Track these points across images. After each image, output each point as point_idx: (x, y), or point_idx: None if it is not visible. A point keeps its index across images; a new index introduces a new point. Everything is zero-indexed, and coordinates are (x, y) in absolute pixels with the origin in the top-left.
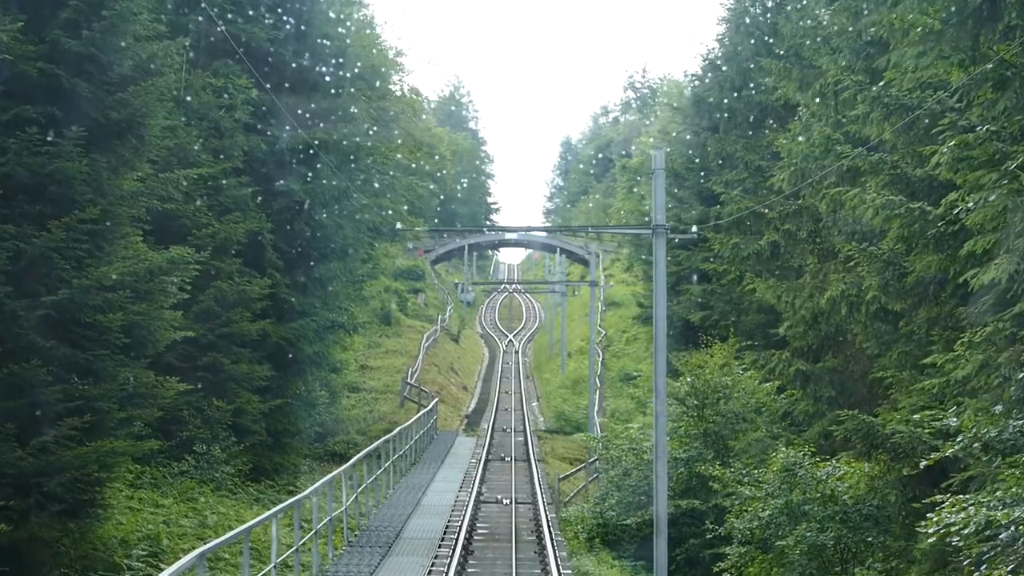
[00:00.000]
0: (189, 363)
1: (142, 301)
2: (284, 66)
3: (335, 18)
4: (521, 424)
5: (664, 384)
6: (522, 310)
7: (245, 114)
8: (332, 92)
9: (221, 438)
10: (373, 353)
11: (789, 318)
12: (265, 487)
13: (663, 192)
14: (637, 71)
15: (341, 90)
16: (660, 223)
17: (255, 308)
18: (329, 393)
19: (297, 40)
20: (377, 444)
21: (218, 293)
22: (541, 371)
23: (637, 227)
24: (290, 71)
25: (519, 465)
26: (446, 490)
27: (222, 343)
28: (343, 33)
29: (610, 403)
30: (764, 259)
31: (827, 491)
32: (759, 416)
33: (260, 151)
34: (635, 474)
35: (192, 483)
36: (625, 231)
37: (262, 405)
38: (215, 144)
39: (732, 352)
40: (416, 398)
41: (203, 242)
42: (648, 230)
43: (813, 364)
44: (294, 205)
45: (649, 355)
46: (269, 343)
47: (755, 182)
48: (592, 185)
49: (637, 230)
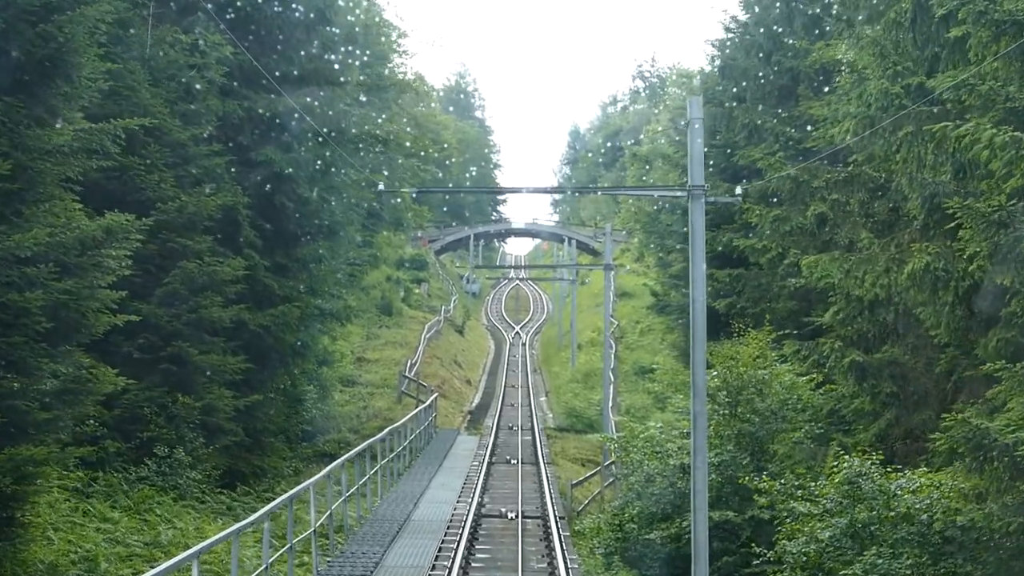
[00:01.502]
0: (151, 354)
1: (71, 277)
2: (293, 54)
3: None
4: (528, 421)
5: (704, 380)
6: (529, 301)
7: (218, 75)
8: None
9: (188, 439)
10: (371, 345)
11: (838, 301)
12: (240, 494)
13: (701, 147)
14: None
15: (349, 78)
16: (697, 184)
17: (229, 292)
18: (319, 388)
19: (306, 28)
20: (361, 448)
21: (185, 274)
22: (550, 364)
23: (670, 188)
24: (298, 59)
25: (526, 469)
26: (442, 501)
27: (189, 331)
28: (351, 21)
29: (625, 398)
30: (809, 233)
31: (902, 509)
32: (800, 415)
33: (236, 117)
34: (659, 481)
35: (151, 491)
36: (656, 193)
37: (236, 401)
38: (184, 108)
39: (768, 342)
40: (415, 393)
41: (169, 217)
42: (683, 192)
43: (870, 355)
44: (275, 178)
45: (666, 346)
46: (245, 331)
47: (787, 155)
48: (601, 175)
49: (670, 192)
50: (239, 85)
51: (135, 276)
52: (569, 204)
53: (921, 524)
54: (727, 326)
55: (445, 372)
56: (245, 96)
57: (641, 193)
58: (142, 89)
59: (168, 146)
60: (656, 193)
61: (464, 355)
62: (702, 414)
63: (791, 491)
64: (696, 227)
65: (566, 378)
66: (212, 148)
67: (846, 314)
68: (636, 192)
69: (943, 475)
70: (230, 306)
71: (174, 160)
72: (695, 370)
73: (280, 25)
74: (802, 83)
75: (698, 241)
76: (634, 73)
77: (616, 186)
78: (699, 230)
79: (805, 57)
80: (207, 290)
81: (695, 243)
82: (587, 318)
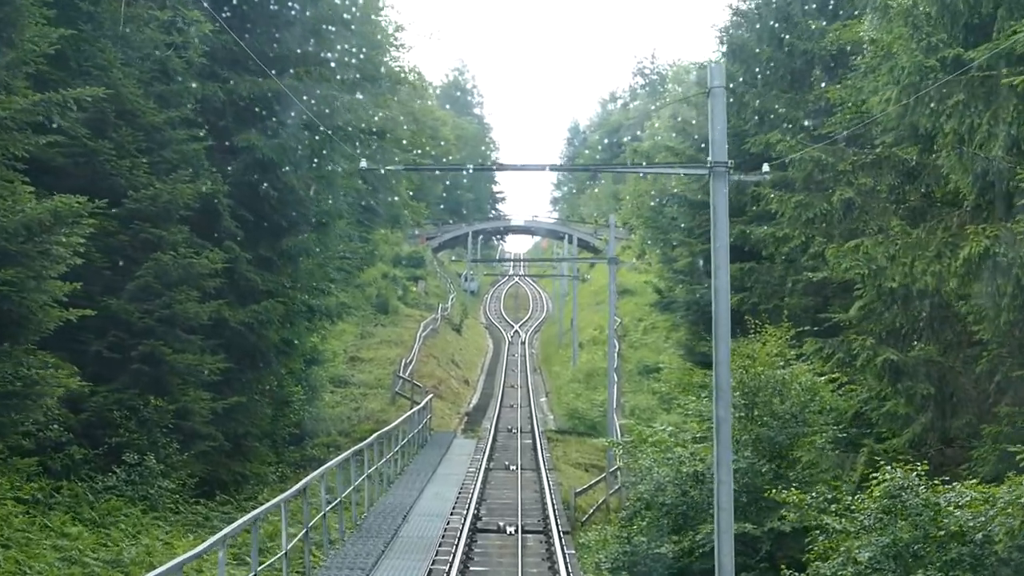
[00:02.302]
0: (120, 353)
1: (14, 266)
2: (279, 34)
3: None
4: (528, 423)
5: (728, 381)
6: (529, 300)
7: (197, 54)
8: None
9: (160, 445)
10: (365, 343)
11: (866, 293)
12: (218, 504)
13: (723, 119)
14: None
15: (338, 62)
16: (720, 160)
17: (207, 286)
18: (308, 388)
19: (303, 25)
20: (344, 456)
21: (158, 267)
22: (550, 363)
23: (691, 166)
24: (284, 40)
25: (526, 476)
26: (435, 513)
27: (163, 329)
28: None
29: (629, 399)
30: (835, 221)
31: (952, 526)
32: (822, 418)
33: (217, 100)
34: (670, 489)
35: (119, 502)
36: (676, 171)
37: (215, 404)
38: (160, 89)
39: (786, 339)
40: (409, 394)
41: (141, 205)
42: (704, 170)
43: (904, 353)
44: (258, 165)
45: (671, 345)
46: (226, 329)
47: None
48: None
49: (691, 170)
50: (220, 66)
51: (104, 269)
52: (569, 201)
53: (975, 544)
54: (738, 323)
55: (442, 372)
56: (227, 78)
57: (659, 171)
58: (113, 68)
59: (141, 129)
60: (675, 171)
61: (462, 354)
62: (726, 421)
63: (823, 505)
64: (719, 208)
65: (567, 378)
66: (190, 132)
67: (873, 308)
68: (653, 170)
69: (999, 488)
70: (208, 302)
71: (148, 145)
72: (718, 370)
73: (264, 2)
74: (817, 66)
75: (721, 224)
76: (634, 70)
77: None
78: (722, 212)
79: (820, 39)
80: (183, 284)
81: (718, 226)
82: (588, 316)
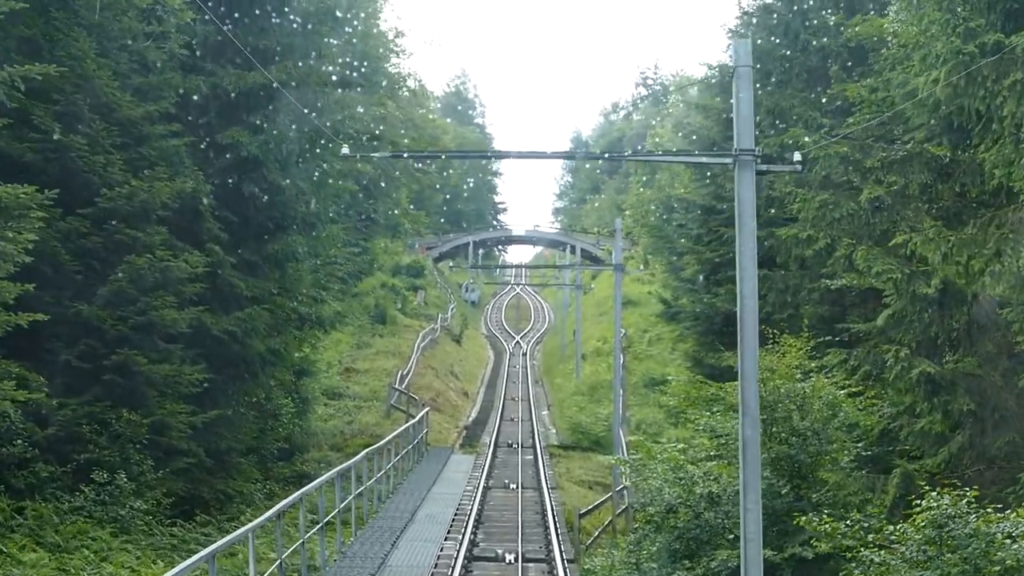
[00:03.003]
0: (92, 363)
1: None
2: (277, 45)
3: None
4: (530, 438)
5: (755, 397)
6: (530, 311)
7: (178, 45)
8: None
9: (133, 462)
10: (362, 354)
11: (895, 300)
12: (198, 525)
13: (750, 102)
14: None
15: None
16: (747, 148)
17: (186, 292)
18: (299, 401)
19: (290, 17)
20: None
21: (133, 271)
22: (552, 375)
23: (714, 154)
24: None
25: (527, 496)
26: (428, 538)
27: (138, 337)
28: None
29: (635, 412)
30: (864, 221)
31: (1009, 560)
32: (845, 435)
33: (199, 94)
34: (682, 512)
35: (86, 524)
36: (698, 160)
37: (194, 417)
38: (138, 82)
39: (806, 350)
40: (405, 407)
41: (116, 204)
42: (728, 159)
43: (941, 366)
44: (243, 163)
45: (677, 356)
46: (206, 337)
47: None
48: (603, 182)
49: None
50: (203, 59)
51: (75, 272)
52: (571, 212)
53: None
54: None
55: (440, 384)
56: (211, 72)
57: (679, 160)
58: (87, 59)
59: (117, 124)
60: (697, 160)
61: (461, 365)
62: (753, 441)
63: (858, 533)
64: (745, 202)
65: (570, 390)
66: (169, 128)
67: (903, 316)
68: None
69: None
70: (187, 308)
71: (124, 140)
72: (744, 385)
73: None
74: (835, 63)
75: (747, 220)
76: (637, 80)
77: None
78: (748, 206)
79: (838, 35)
80: (159, 289)
81: (743, 223)
82: (591, 328)
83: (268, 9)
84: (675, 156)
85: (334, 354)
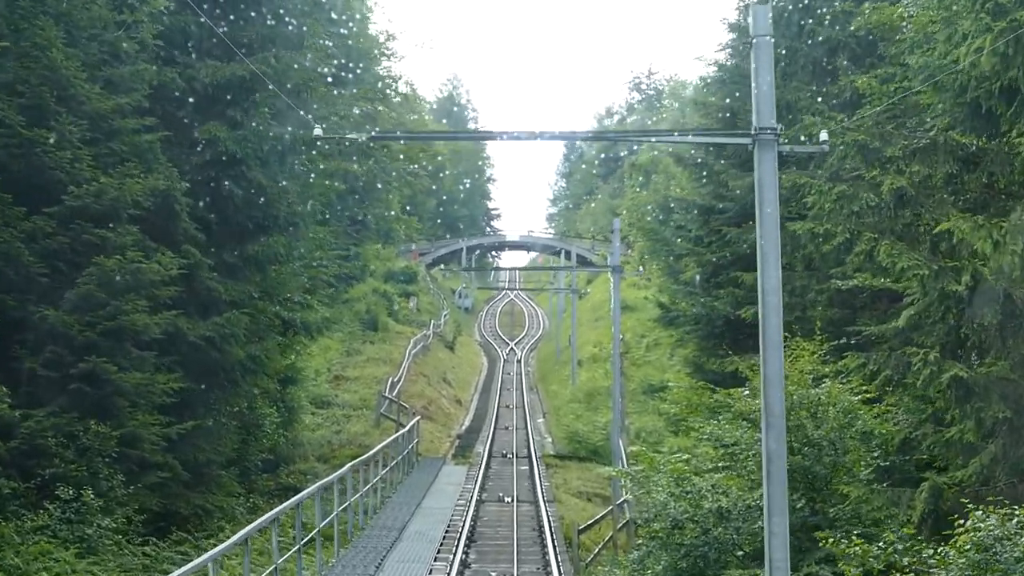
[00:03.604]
0: (58, 371)
1: None
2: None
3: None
4: (525, 447)
5: (781, 405)
6: (525, 317)
7: (150, 33)
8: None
9: (102, 476)
10: (352, 361)
11: (919, 299)
12: (173, 543)
13: (770, 74)
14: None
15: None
16: (768, 126)
17: (161, 296)
18: (284, 410)
19: (288, 28)
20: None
21: (102, 274)
22: (547, 382)
23: (731, 134)
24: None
25: (523, 510)
26: (416, 559)
27: (107, 343)
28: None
29: (634, 420)
30: (886, 215)
31: None
32: (863, 444)
33: (175, 87)
34: (689, 528)
35: (50, 545)
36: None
37: (168, 429)
38: (109, 73)
39: (819, 354)
40: (396, 415)
41: (84, 203)
42: (747, 139)
43: (972, 370)
44: (221, 160)
45: (676, 362)
46: (183, 344)
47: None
48: (598, 186)
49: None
50: (179, 50)
51: (40, 275)
52: (565, 217)
53: None
54: (750, 336)
55: (432, 391)
56: (187, 64)
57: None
58: (54, 48)
59: (86, 117)
60: (713, 140)
61: (454, 372)
62: (780, 456)
63: (891, 556)
64: (766, 186)
65: (566, 397)
66: (143, 122)
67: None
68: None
69: None
70: (161, 312)
71: (93, 135)
72: (768, 391)
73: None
74: (842, 55)
75: (768, 206)
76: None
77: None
78: (770, 189)
79: (846, 25)
80: (130, 293)
81: (764, 210)
82: (587, 333)
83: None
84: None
85: (322, 361)
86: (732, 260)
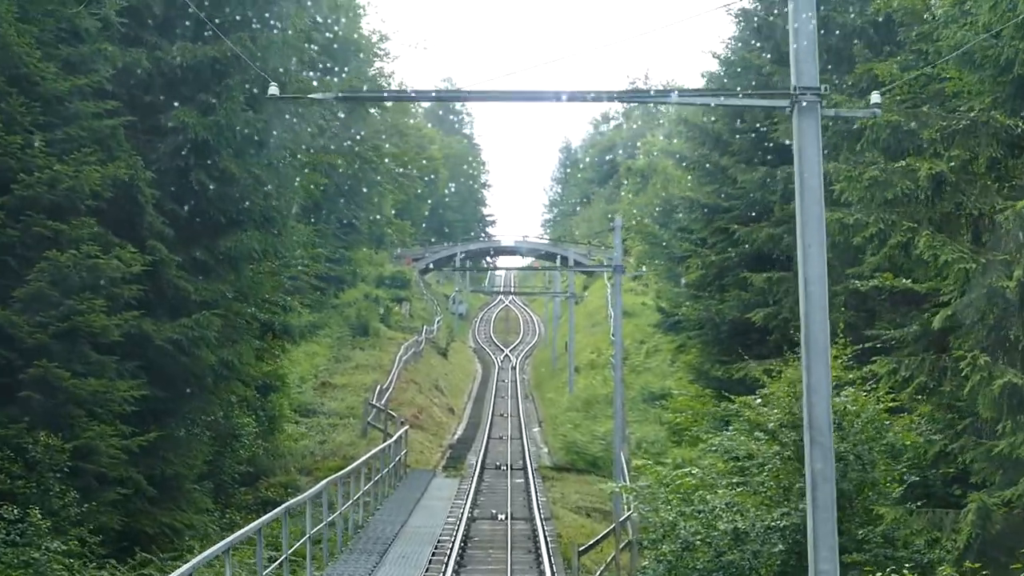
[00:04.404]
0: (7, 377)
1: None
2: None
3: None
4: (520, 458)
5: (828, 416)
6: (520, 323)
7: (114, 9)
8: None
9: (53, 493)
10: (340, 368)
11: (956, 298)
12: (137, 565)
13: (812, 26)
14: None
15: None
16: (809, 86)
17: (123, 295)
18: (264, 419)
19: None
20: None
21: (55, 269)
22: (543, 390)
23: (766, 94)
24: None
25: (518, 529)
26: None
27: (60, 346)
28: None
29: (634, 430)
30: (922, 202)
31: None
32: (896, 462)
33: (142, 70)
34: (701, 550)
35: None
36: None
37: (129, 440)
38: (67, 52)
39: (843, 360)
40: (384, 424)
41: (35, 192)
42: (785, 102)
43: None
44: (191, 148)
45: (677, 369)
46: (148, 347)
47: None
48: (594, 191)
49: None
50: (146, 30)
51: None
52: (561, 223)
53: None
54: (761, 343)
55: (423, 399)
56: (155, 45)
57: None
58: (4, 23)
59: (39, 99)
60: (749, 102)
61: (447, 379)
62: (827, 479)
63: None
64: (807, 159)
65: (563, 406)
66: (104, 105)
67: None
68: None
69: None
70: (122, 312)
71: (48, 119)
72: (812, 400)
73: None
74: (858, 41)
75: (810, 180)
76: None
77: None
78: (812, 163)
79: (862, 10)
80: (87, 290)
81: (806, 185)
82: (583, 339)
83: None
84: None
85: (308, 368)
86: (739, 261)
